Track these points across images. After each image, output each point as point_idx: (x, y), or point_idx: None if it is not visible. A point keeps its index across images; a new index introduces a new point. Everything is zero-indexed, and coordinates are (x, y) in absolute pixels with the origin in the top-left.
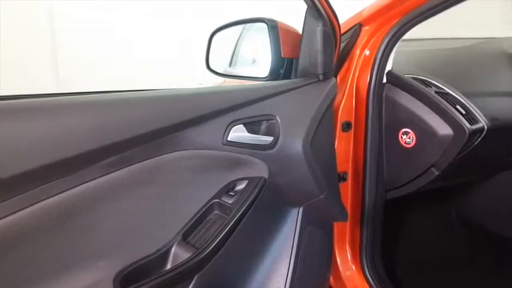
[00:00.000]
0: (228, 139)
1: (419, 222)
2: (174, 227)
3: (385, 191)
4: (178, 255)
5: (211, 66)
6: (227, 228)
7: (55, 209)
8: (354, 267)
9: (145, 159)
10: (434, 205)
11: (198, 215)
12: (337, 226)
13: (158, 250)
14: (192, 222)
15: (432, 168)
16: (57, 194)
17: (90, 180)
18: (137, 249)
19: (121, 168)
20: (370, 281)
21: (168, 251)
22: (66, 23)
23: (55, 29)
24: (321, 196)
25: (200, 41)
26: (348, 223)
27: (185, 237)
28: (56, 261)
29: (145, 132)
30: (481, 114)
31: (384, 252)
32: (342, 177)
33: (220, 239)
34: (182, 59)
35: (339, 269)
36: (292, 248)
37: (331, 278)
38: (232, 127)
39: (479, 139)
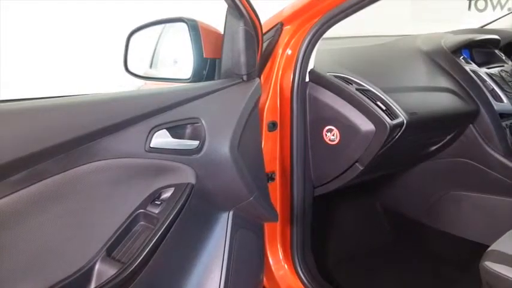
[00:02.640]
0: (151, 145)
1: (347, 216)
2: (97, 243)
3: (313, 188)
4: (103, 272)
5: (130, 68)
6: (154, 239)
7: None
8: (286, 266)
9: (59, 173)
10: (360, 198)
11: (123, 227)
12: (267, 226)
13: (80, 269)
14: (116, 235)
15: (356, 164)
16: None
17: None
18: (56, 271)
19: (32, 184)
20: (302, 279)
21: (91, 269)
22: None
23: None
24: (251, 198)
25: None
26: (278, 222)
27: (109, 252)
28: None
29: (57, 143)
30: (400, 109)
31: (314, 248)
32: (270, 177)
33: (147, 251)
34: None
35: (271, 269)
36: (224, 253)
37: (264, 279)
38: (155, 133)
39: (399, 133)
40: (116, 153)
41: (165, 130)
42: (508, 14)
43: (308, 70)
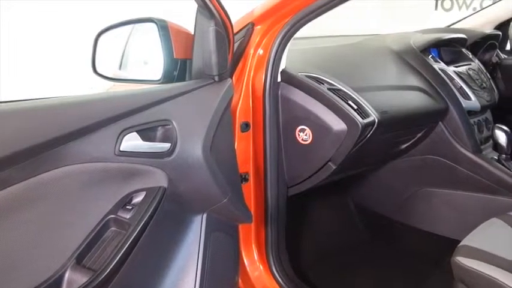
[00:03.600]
0: (121, 149)
1: (320, 215)
2: (66, 251)
3: (287, 187)
4: (73, 281)
5: (99, 70)
6: (126, 245)
7: None
8: (261, 267)
9: (26, 179)
10: (333, 197)
11: (93, 234)
12: (242, 228)
13: (48, 279)
14: (86, 242)
15: (329, 163)
16: None
17: None
18: (23, 280)
19: None
20: (278, 279)
21: (60, 279)
22: None
23: None
24: (224, 200)
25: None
26: (253, 223)
27: (79, 260)
28: None
29: (22, 149)
30: (371, 108)
31: (289, 248)
32: (244, 178)
33: (119, 258)
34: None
35: (247, 271)
36: (198, 257)
37: (240, 281)
38: (125, 136)
39: (371, 132)
40: (85, 157)
41: (135, 133)
42: (474, 13)
43: (280, 70)
